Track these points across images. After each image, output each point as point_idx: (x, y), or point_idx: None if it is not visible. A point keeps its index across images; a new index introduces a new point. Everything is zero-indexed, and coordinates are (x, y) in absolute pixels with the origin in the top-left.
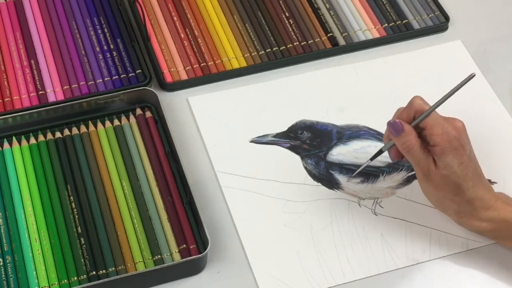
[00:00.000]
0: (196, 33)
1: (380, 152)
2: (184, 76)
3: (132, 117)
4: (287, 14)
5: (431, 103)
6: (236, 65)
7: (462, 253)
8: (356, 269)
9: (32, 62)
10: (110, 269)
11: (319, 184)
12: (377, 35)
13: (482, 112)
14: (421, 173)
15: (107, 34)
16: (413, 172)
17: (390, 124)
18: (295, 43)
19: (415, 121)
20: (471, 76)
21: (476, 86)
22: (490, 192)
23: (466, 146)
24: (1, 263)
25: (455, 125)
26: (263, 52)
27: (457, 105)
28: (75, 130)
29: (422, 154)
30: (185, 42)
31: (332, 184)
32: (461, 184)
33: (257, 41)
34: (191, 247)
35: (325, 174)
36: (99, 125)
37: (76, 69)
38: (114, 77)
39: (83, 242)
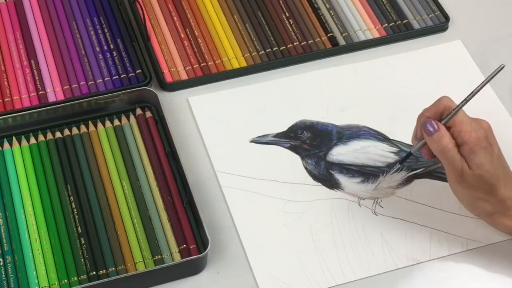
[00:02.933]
0: (196, 33)
1: (409, 154)
2: (184, 76)
3: (132, 117)
4: (287, 14)
5: (431, 103)
6: (236, 65)
7: (462, 253)
8: (356, 269)
9: (32, 62)
10: (110, 269)
11: (319, 184)
12: (377, 35)
13: (482, 112)
14: (455, 174)
15: (107, 34)
16: (413, 172)
17: (424, 124)
18: (295, 43)
19: (445, 119)
20: (501, 68)
21: (476, 86)
22: None
23: (494, 145)
24: (1, 263)
25: (482, 125)
26: (263, 52)
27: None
28: (75, 130)
29: (457, 153)
30: (185, 42)
31: (332, 184)
32: (494, 184)
33: (257, 41)
34: (191, 247)
35: (325, 174)
36: (99, 125)
37: (76, 69)
38: (114, 77)
39: (83, 242)
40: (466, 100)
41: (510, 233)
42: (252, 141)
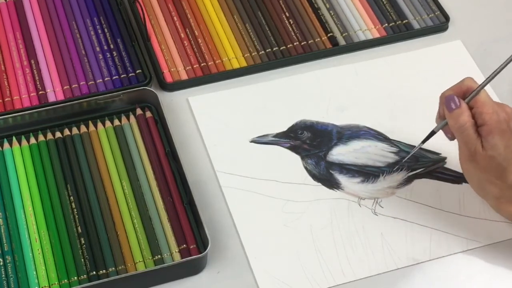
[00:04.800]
0: (196, 33)
1: (432, 133)
2: (184, 76)
3: (132, 117)
4: (287, 14)
5: (431, 103)
6: (236, 65)
7: (462, 253)
8: (356, 269)
9: (32, 62)
10: (110, 269)
11: (319, 184)
12: (377, 35)
13: None
14: (467, 153)
15: (107, 34)
16: (413, 172)
17: (447, 99)
18: (295, 43)
19: (468, 98)
20: None
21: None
22: None
23: None
24: (1, 263)
25: (505, 109)
26: (263, 52)
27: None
28: (75, 130)
29: (473, 133)
30: (185, 42)
31: (332, 184)
32: (506, 168)
33: (257, 41)
34: (191, 247)
35: (325, 174)
36: (99, 125)
37: (76, 69)
38: (114, 77)
39: (83, 242)
40: (489, 79)
41: None
42: (252, 141)
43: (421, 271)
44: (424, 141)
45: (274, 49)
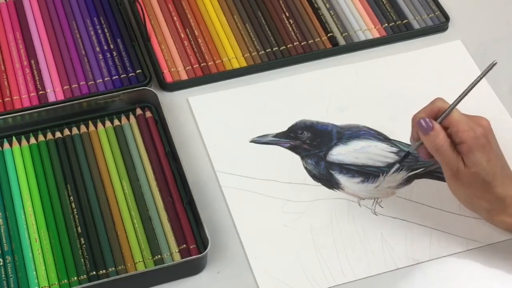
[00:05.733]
0: (196, 33)
1: (408, 154)
2: (184, 76)
3: (132, 117)
4: (287, 14)
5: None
6: (236, 65)
7: (462, 253)
8: (356, 269)
9: (32, 62)
10: (110, 269)
11: (319, 184)
12: (377, 35)
13: (482, 112)
14: (450, 172)
15: (107, 34)
16: (413, 172)
17: (419, 123)
18: (295, 43)
19: (439, 118)
20: (493, 64)
21: (476, 86)
22: None
23: (493, 143)
24: (1, 263)
25: (480, 122)
26: (263, 52)
27: (457, 105)
28: (75, 130)
29: (452, 152)
30: (185, 42)
31: (332, 184)
32: (491, 181)
33: (257, 41)
34: (191, 247)
35: (325, 174)
36: (99, 125)
37: (76, 69)
38: (114, 77)
39: (83, 242)
40: (459, 99)
41: (509, 230)
42: (252, 141)
43: (421, 271)
44: (400, 162)
45: (274, 49)
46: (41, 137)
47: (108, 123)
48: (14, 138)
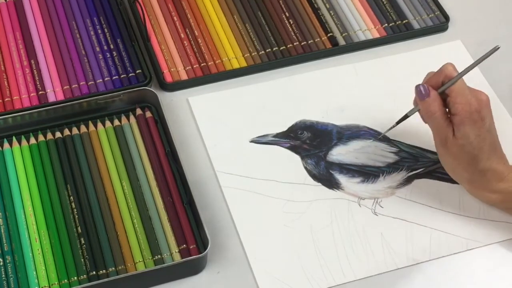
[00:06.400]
0: (196, 33)
1: (405, 116)
2: (184, 76)
3: (132, 117)
4: (287, 14)
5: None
6: (236, 65)
7: (462, 253)
8: (356, 269)
9: (32, 62)
10: (110, 269)
11: (319, 184)
12: (377, 35)
13: None
14: (439, 140)
15: (107, 34)
16: (413, 172)
17: (417, 88)
18: (295, 43)
19: (442, 87)
20: (496, 49)
21: (476, 86)
22: (505, 165)
23: (486, 119)
24: (1, 263)
25: (479, 97)
26: (263, 52)
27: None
28: (75, 130)
29: (443, 121)
30: (185, 42)
31: (332, 184)
32: (476, 155)
33: (257, 41)
34: (191, 247)
35: (325, 174)
36: (99, 125)
37: (76, 69)
38: (114, 77)
39: (83, 242)
40: (461, 74)
41: (488, 204)
42: (252, 141)
43: (421, 271)
44: (398, 122)
45: (274, 49)
46: (41, 137)
47: (108, 123)
48: (14, 138)
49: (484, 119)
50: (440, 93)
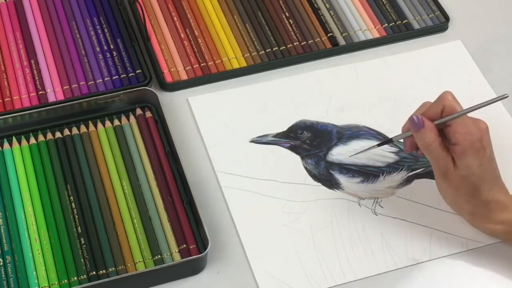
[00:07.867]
0: (196, 33)
1: (390, 140)
2: (184, 76)
3: (132, 117)
4: (287, 14)
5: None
6: (236, 65)
7: (462, 253)
8: (356, 269)
9: (32, 62)
10: (110, 269)
11: (319, 184)
12: (377, 35)
13: (482, 112)
14: (439, 171)
15: (107, 34)
16: (413, 172)
17: (411, 119)
18: (295, 43)
19: (442, 119)
20: (503, 97)
21: (476, 86)
22: (506, 195)
23: (487, 148)
24: (1, 263)
25: (479, 126)
26: (263, 52)
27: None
28: (75, 130)
29: (442, 152)
30: (185, 42)
31: (332, 184)
32: (479, 186)
33: (257, 41)
34: (191, 247)
35: (325, 174)
36: (99, 125)
37: (76, 69)
38: (114, 77)
39: (83, 242)
40: (464, 112)
41: (490, 235)
42: (252, 141)
43: (421, 271)
44: (380, 145)
45: (274, 49)
46: (41, 137)
47: (108, 123)
48: (14, 138)
49: (485, 148)
50: (438, 124)
